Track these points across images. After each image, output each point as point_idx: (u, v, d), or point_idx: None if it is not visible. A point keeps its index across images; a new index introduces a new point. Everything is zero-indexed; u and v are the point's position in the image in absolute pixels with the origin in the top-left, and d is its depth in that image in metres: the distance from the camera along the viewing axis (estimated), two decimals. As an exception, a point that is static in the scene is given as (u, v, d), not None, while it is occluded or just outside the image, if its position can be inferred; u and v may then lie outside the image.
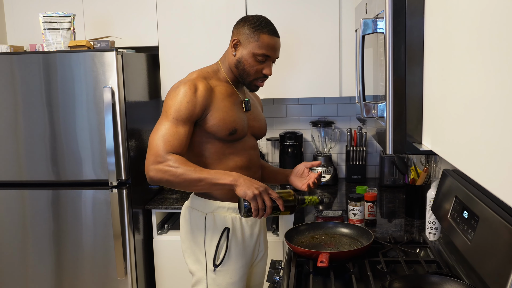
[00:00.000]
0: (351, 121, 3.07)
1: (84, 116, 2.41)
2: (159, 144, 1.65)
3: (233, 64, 1.81)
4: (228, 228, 1.80)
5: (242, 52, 1.77)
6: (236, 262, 1.82)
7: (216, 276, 1.79)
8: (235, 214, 1.82)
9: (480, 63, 0.77)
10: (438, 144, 1.04)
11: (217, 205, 1.80)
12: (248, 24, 1.77)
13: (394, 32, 1.18)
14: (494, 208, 1.24)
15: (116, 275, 2.48)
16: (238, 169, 1.79)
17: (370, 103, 1.42)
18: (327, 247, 1.79)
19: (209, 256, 1.79)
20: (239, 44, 1.78)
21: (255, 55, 1.76)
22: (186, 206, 1.90)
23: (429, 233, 1.89)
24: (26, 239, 2.54)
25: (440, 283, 1.37)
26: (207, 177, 1.64)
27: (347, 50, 2.67)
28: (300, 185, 1.93)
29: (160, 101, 2.96)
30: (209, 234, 1.79)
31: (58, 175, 2.47)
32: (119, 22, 2.80)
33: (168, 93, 1.76)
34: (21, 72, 2.41)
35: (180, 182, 1.64)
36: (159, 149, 1.65)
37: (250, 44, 1.76)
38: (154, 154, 1.65)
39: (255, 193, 1.59)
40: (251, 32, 1.76)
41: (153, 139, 1.68)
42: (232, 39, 1.81)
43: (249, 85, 1.84)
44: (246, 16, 1.83)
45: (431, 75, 1.10)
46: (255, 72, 1.79)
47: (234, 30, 1.83)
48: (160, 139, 1.66)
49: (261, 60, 1.77)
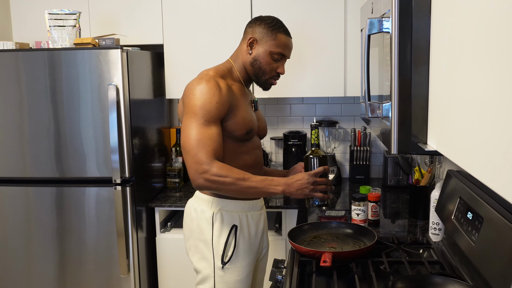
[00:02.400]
0: (355, 121, 3.06)
1: (88, 114, 2.41)
2: (199, 151, 1.64)
3: (248, 62, 1.83)
4: (236, 226, 1.80)
5: (259, 50, 1.80)
6: (243, 259, 1.83)
7: (224, 274, 1.80)
8: (242, 212, 1.84)
9: (487, 63, 0.77)
10: (444, 144, 1.03)
11: (224, 203, 1.81)
12: (265, 24, 1.80)
13: (400, 31, 1.18)
14: (499, 209, 1.23)
15: (119, 272, 2.49)
16: (247, 167, 1.81)
17: (375, 103, 1.42)
18: (330, 246, 1.79)
19: (217, 254, 1.79)
20: (256, 43, 1.81)
21: (272, 53, 1.80)
22: (191, 204, 1.90)
23: (433, 234, 1.89)
24: (30, 236, 2.54)
25: (444, 284, 1.37)
26: (257, 186, 1.68)
27: (352, 50, 2.67)
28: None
29: (164, 99, 2.97)
30: (217, 231, 1.80)
31: (62, 172, 2.47)
32: (124, 20, 2.80)
33: (190, 92, 1.71)
34: (26, 69, 2.42)
35: (230, 190, 1.68)
36: (202, 157, 1.64)
37: (268, 43, 1.80)
38: (197, 162, 1.64)
39: (310, 189, 1.70)
40: (269, 31, 1.80)
41: (190, 144, 1.65)
42: (247, 37, 1.82)
43: (263, 83, 1.87)
44: (260, 16, 1.86)
45: (437, 75, 1.09)
46: (270, 70, 1.83)
47: (248, 29, 1.85)
48: (199, 145, 1.64)
49: (276, 59, 1.82)
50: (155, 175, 2.81)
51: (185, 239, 1.90)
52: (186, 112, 1.70)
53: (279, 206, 2.54)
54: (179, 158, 2.93)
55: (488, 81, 0.77)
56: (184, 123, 1.70)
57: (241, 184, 1.66)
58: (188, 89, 1.74)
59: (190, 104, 1.70)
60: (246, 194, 1.73)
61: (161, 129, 2.94)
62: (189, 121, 1.68)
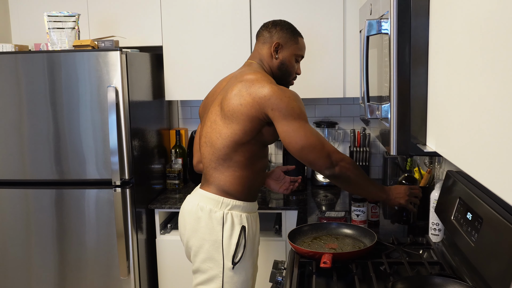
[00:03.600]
0: (354, 122, 3.06)
1: (88, 116, 2.41)
2: (325, 144, 1.75)
3: (276, 66, 1.92)
4: (244, 226, 1.82)
5: (284, 54, 1.92)
6: (249, 259, 1.86)
7: (234, 274, 1.81)
8: (247, 213, 1.86)
9: (486, 64, 0.77)
10: (443, 145, 1.04)
11: (233, 204, 1.83)
12: (285, 28, 1.92)
13: (399, 33, 1.18)
14: (498, 210, 1.24)
15: (119, 274, 2.49)
16: (262, 171, 1.92)
17: (374, 104, 1.42)
18: (330, 248, 1.79)
19: (227, 254, 1.80)
20: (281, 47, 1.91)
21: (296, 56, 1.94)
22: (195, 202, 1.87)
23: (433, 234, 1.89)
24: (30, 238, 2.54)
25: (443, 285, 1.37)
26: (373, 186, 1.87)
27: (351, 51, 2.67)
28: (277, 188, 2.09)
29: (163, 101, 2.97)
30: (227, 232, 1.80)
31: (61, 174, 2.47)
32: (123, 21, 2.81)
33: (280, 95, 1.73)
34: (25, 72, 2.42)
35: (357, 181, 1.79)
36: (331, 148, 1.76)
37: (292, 47, 1.92)
38: (330, 152, 1.74)
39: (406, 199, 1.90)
40: (291, 35, 1.92)
41: (312, 140, 1.73)
42: (270, 42, 1.91)
43: (287, 84, 1.99)
44: (275, 21, 1.95)
45: (436, 76, 1.09)
46: (293, 72, 1.96)
47: (266, 34, 1.93)
48: (321, 139, 1.76)
49: (297, 61, 1.96)
50: (154, 176, 2.81)
51: (186, 238, 1.89)
52: (285, 116, 1.72)
53: (279, 207, 2.54)
54: (179, 160, 2.93)
55: (486, 82, 0.77)
56: (288, 127, 1.73)
57: (366, 178, 1.83)
58: (274, 94, 1.73)
59: (288, 108, 1.72)
60: (360, 189, 1.85)
61: (161, 131, 2.94)
62: (295, 123, 1.73)
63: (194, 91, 2.78)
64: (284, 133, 1.74)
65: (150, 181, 2.74)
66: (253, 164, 1.84)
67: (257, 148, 1.83)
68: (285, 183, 2.09)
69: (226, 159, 1.80)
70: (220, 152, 1.80)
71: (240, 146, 1.79)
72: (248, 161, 1.81)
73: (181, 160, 2.94)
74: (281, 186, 2.09)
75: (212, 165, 1.84)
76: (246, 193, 1.85)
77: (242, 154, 1.80)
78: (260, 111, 1.75)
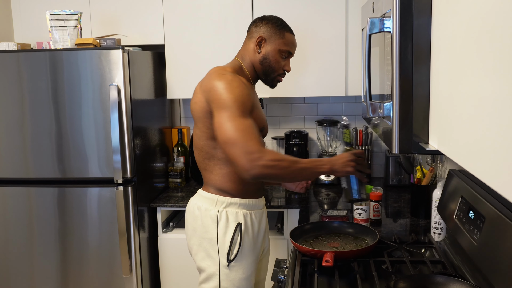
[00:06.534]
0: (356, 121, 3.06)
1: (90, 114, 2.42)
2: (247, 141, 1.62)
3: (257, 61, 1.87)
4: (240, 224, 1.82)
5: (267, 49, 1.86)
6: (248, 257, 1.84)
7: (230, 272, 1.80)
8: (245, 210, 1.85)
9: (488, 62, 0.77)
10: (445, 144, 1.03)
11: (229, 201, 1.82)
12: (271, 23, 1.87)
13: (401, 31, 1.17)
14: (501, 208, 1.23)
15: (121, 272, 2.49)
16: None
17: (377, 102, 1.42)
18: (332, 246, 1.79)
19: (222, 252, 1.80)
20: (264, 42, 1.86)
21: (280, 51, 1.86)
22: (193, 202, 1.90)
23: (435, 233, 1.89)
24: (32, 236, 2.55)
25: (446, 284, 1.37)
26: (308, 167, 1.70)
27: (353, 49, 2.67)
28: (293, 188, 2.10)
29: (165, 99, 2.97)
30: (222, 229, 1.80)
31: (64, 173, 2.48)
32: (125, 20, 2.81)
33: (217, 88, 1.70)
34: (27, 70, 2.42)
35: (286, 174, 1.66)
36: (252, 146, 1.62)
37: (276, 41, 1.86)
38: (249, 151, 1.61)
39: (352, 165, 1.72)
40: (276, 30, 1.86)
41: (235, 136, 1.62)
42: (255, 36, 1.87)
43: (272, 81, 1.93)
44: (265, 16, 1.92)
45: (438, 74, 1.09)
46: (278, 68, 1.89)
47: (253, 29, 1.90)
48: (244, 135, 1.63)
49: (284, 57, 1.89)
50: (156, 175, 2.81)
51: (188, 238, 1.91)
52: (217, 108, 1.68)
53: (281, 205, 2.54)
54: (181, 158, 2.94)
55: (489, 80, 0.77)
56: (219, 118, 1.67)
57: (295, 166, 1.67)
58: (213, 85, 1.71)
59: (221, 99, 1.68)
60: (297, 177, 1.77)
61: (163, 129, 2.95)
62: (224, 115, 1.66)
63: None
64: (214, 125, 1.69)
65: (152, 180, 2.74)
66: None
67: None
68: (301, 182, 2.08)
69: (210, 158, 1.82)
70: (203, 152, 1.83)
71: (215, 143, 1.77)
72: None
73: (183, 158, 2.94)
74: (298, 185, 2.09)
75: (202, 166, 1.87)
76: (240, 190, 1.83)
77: (221, 150, 1.78)
78: (208, 104, 1.73)
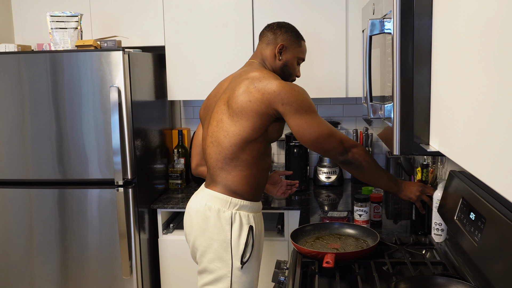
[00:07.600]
0: (357, 122, 3.06)
1: (90, 116, 2.42)
2: (336, 132, 1.81)
3: (278, 67, 1.96)
4: (252, 226, 1.83)
5: (288, 56, 1.96)
6: (257, 259, 1.88)
7: (242, 274, 1.81)
8: (253, 212, 1.87)
9: (488, 63, 0.77)
10: (446, 145, 1.03)
11: (241, 204, 1.83)
12: (290, 31, 1.96)
13: (402, 32, 1.18)
14: (501, 209, 1.23)
15: (121, 274, 2.49)
16: (265, 171, 1.91)
17: (377, 104, 1.42)
18: (333, 247, 1.78)
19: (236, 254, 1.80)
20: (285, 49, 1.95)
21: (298, 59, 1.99)
22: (203, 202, 1.85)
23: (435, 234, 1.89)
24: (32, 238, 2.55)
25: (446, 285, 1.37)
26: (386, 175, 1.88)
27: (354, 51, 2.67)
28: (274, 192, 2.17)
29: (166, 101, 2.97)
30: (236, 232, 1.80)
31: (64, 174, 2.48)
32: (126, 22, 2.81)
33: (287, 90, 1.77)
34: (28, 72, 2.42)
35: (370, 168, 1.83)
36: (342, 137, 1.81)
37: (295, 49, 1.96)
38: (343, 140, 1.80)
39: (417, 195, 1.91)
40: (295, 38, 1.96)
41: (326, 130, 1.79)
42: (275, 43, 1.94)
43: None
44: (280, 23, 1.99)
45: (439, 75, 1.09)
46: (294, 74, 2.00)
47: (270, 35, 1.96)
48: (332, 128, 1.81)
49: (299, 63, 2.01)
50: (157, 176, 2.81)
51: (193, 238, 1.88)
52: (297, 110, 1.77)
53: (281, 207, 2.54)
54: (181, 160, 2.94)
55: (489, 82, 0.77)
56: (303, 119, 1.78)
57: (377, 166, 1.85)
58: (282, 89, 1.77)
59: (298, 102, 1.77)
60: (373, 177, 1.86)
61: (163, 131, 2.95)
62: (308, 116, 1.78)
63: (196, 91, 2.78)
64: (297, 126, 1.79)
65: (152, 181, 2.74)
66: (259, 163, 1.85)
67: (263, 146, 1.84)
68: (282, 187, 2.17)
69: (233, 159, 1.81)
70: (227, 151, 1.80)
71: (247, 144, 1.80)
72: (254, 159, 1.83)
73: (183, 160, 2.94)
74: (278, 190, 2.17)
75: (219, 165, 1.84)
76: (252, 193, 1.86)
77: (249, 153, 1.81)
78: (270, 107, 1.77)
